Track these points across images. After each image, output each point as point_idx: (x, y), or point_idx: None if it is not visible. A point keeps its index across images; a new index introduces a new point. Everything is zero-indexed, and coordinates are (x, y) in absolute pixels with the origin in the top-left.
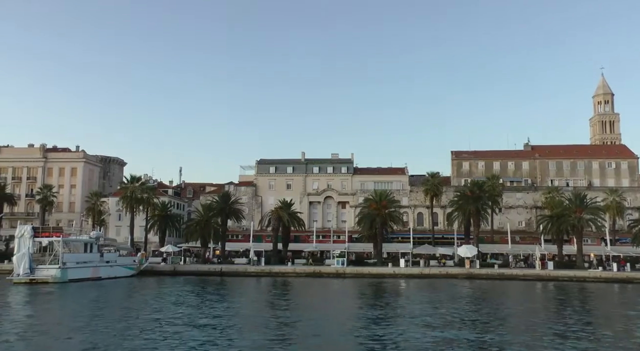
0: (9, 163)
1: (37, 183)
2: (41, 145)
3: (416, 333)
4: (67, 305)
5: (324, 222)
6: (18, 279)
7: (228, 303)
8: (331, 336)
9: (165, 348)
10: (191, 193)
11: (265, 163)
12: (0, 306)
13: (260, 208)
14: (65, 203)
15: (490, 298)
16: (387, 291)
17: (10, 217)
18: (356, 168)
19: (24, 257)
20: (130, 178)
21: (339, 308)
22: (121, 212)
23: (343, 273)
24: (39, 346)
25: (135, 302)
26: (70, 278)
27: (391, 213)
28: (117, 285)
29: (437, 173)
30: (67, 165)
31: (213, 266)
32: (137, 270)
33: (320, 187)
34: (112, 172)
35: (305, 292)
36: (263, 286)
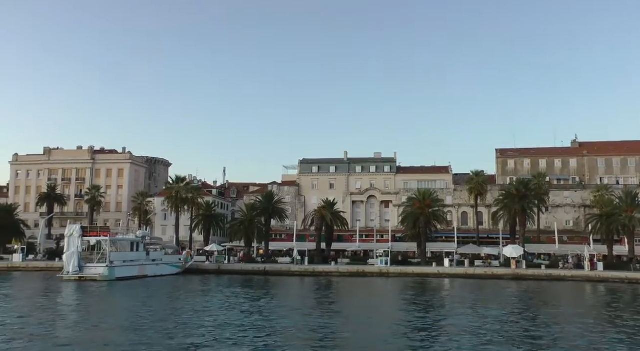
0: (59, 165)
1: (85, 184)
2: (89, 147)
3: (464, 335)
4: (117, 301)
5: (367, 222)
6: (68, 277)
7: (275, 302)
8: (380, 337)
9: (215, 345)
10: (235, 193)
11: (308, 163)
12: (53, 302)
13: (304, 207)
14: (113, 204)
15: (540, 300)
16: (432, 292)
17: (61, 217)
18: (399, 167)
19: (73, 255)
20: (175, 178)
21: (385, 309)
22: (167, 211)
23: (387, 273)
24: (90, 340)
25: (187, 300)
26: (117, 276)
27: (435, 213)
28: (163, 283)
29: (482, 172)
30: (114, 166)
31: (257, 266)
32: (182, 268)
33: (363, 186)
34: (157, 172)
35: (350, 292)
36: (307, 285)
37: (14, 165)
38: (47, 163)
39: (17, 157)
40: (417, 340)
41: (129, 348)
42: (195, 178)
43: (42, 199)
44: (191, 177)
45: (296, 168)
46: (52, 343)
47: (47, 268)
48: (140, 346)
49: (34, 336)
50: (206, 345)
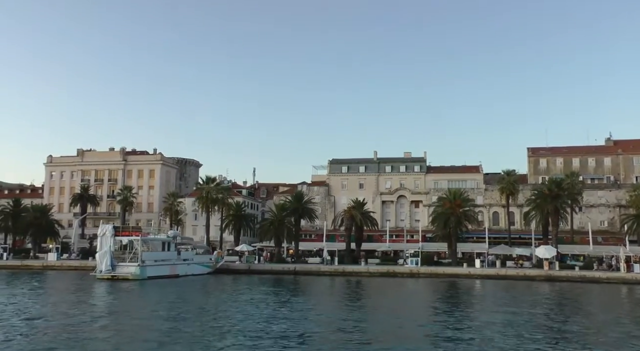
0: (91, 167)
1: (117, 184)
2: (121, 148)
3: (497, 337)
4: (151, 299)
5: (397, 221)
6: (101, 275)
7: (307, 301)
8: (410, 339)
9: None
10: (265, 193)
11: (337, 163)
12: (87, 300)
13: (333, 207)
14: (144, 204)
15: (575, 302)
16: (464, 293)
17: (94, 217)
18: (429, 166)
19: (105, 254)
20: (205, 179)
21: (416, 309)
22: (197, 211)
23: (417, 273)
24: (126, 337)
25: (218, 298)
26: (148, 275)
27: (466, 213)
28: (194, 283)
29: (513, 171)
30: (145, 167)
31: (287, 266)
32: (213, 268)
33: (393, 186)
34: (188, 173)
35: (380, 292)
36: (337, 285)
37: (49, 166)
38: (81, 165)
39: (51, 159)
40: (449, 342)
41: (162, 345)
42: (225, 178)
43: (75, 200)
44: (221, 177)
45: (326, 169)
46: (84, 339)
47: (81, 267)
48: (174, 344)
49: (68, 332)
50: (234, 343)
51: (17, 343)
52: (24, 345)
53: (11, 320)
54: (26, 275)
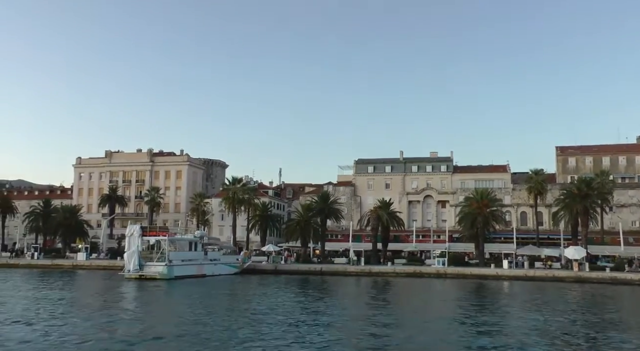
0: (119, 168)
1: (145, 185)
2: (148, 149)
3: (531, 342)
4: (180, 299)
5: (424, 222)
6: (129, 275)
7: (334, 302)
8: (439, 341)
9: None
10: (291, 193)
11: (363, 163)
12: (117, 299)
13: (359, 208)
14: (171, 204)
15: (607, 304)
16: (492, 294)
17: (122, 217)
18: (456, 166)
19: (133, 254)
20: (232, 179)
21: (446, 311)
22: (224, 212)
23: (444, 274)
24: (157, 336)
25: (248, 298)
26: (176, 275)
27: (493, 213)
28: (221, 282)
29: (541, 170)
30: (172, 168)
31: (313, 266)
32: (240, 268)
33: (420, 186)
34: (214, 174)
35: (407, 292)
36: (364, 286)
37: (77, 168)
38: (109, 166)
39: (80, 160)
40: (477, 344)
41: (191, 343)
42: (251, 179)
43: (104, 200)
44: (247, 178)
45: (352, 169)
46: (116, 337)
47: (109, 267)
48: (204, 342)
49: (99, 331)
50: (262, 343)
51: (50, 342)
52: (57, 344)
53: (43, 318)
54: (56, 274)
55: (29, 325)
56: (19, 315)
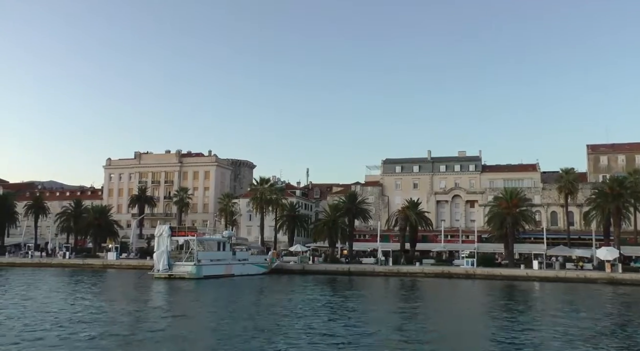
0: (148, 169)
1: (173, 186)
2: (177, 151)
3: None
4: (210, 298)
5: (452, 222)
6: (158, 274)
7: (364, 302)
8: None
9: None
10: (318, 193)
11: (391, 163)
12: (149, 298)
13: (387, 208)
14: (200, 205)
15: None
16: (523, 295)
17: (151, 218)
18: (484, 165)
19: (162, 254)
20: (259, 180)
21: (476, 313)
22: (251, 212)
23: (473, 274)
24: (190, 334)
25: (277, 298)
26: (204, 274)
27: (522, 212)
28: (250, 282)
29: (572, 169)
30: (200, 168)
31: (341, 266)
32: (268, 268)
33: (448, 186)
34: (242, 174)
35: (436, 293)
36: (392, 286)
37: (107, 169)
38: (138, 167)
39: (110, 162)
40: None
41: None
42: (279, 179)
43: (133, 201)
44: (275, 178)
45: (379, 169)
46: (147, 336)
47: (139, 266)
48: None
49: (129, 328)
50: (295, 343)
51: (83, 340)
52: (93, 343)
53: (77, 317)
54: (87, 273)
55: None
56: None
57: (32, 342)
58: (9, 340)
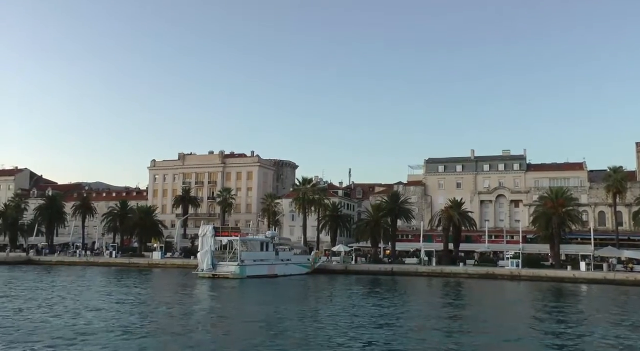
0: (192, 169)
1: (217, 186)
2: (220, 151)
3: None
4: (256, 298)
5: (496, 222)
6: (202, 274)
7: (407, 303)
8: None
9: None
10: (360, 193)
11: (433, 162)
12: (195, 297)
13: (430, 207)
14: (243, 205)
15: None
16: (570, 298)
17: (195, 218)
18: (529, 164)
19: (206, 254)
20: (302, 180)
21: (523, 317)
22: (294, 212)
23: (518, 276)
24: (240, 334)
25: (323, 298)
26: (248, 274)
27: (569, 212)
28: (294, 282)
29: (620, 168)
30: (243, 169)
31: (384, 266)
32: (311, 268)
33: (492, 185)
34: (284, 174)
35: (482, 295)
36: (436, 286)
37: (152, 170)
38: (182, 168)
39: (154, 163)
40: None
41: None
42: (321, 179)
43: (177, 201)
44: (317, 178)
45: (422, 168)
46: (195, 338)
47: (183, 265)
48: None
49: (180, 330)
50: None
51: (131, 338)
52: (140, 341)
53: (125, 314)
54: (133, 272)
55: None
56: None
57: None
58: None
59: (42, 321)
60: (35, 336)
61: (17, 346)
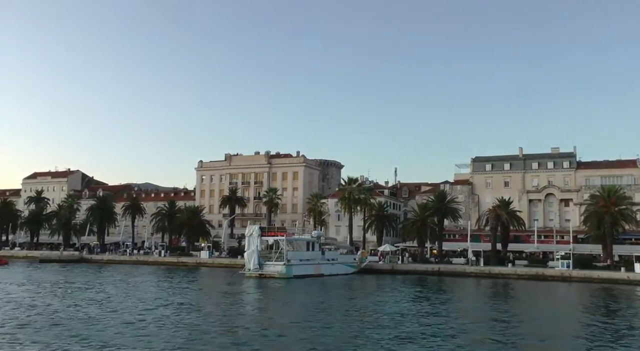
0: (238, 170)
1: (263, 187)
2: (266, 152)
3: None
4: (305, 297)
5: (546, 221)
6: (249, 273)
7: (458, 304)
8: None
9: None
10: (406, 193)
11: (480, 161)
12: (246, 296)
13: (477, 207)
14: (289, 205)
15: None
16: (626, 301)
17: (241, 218)
18: (579, 162)
19: (253, 253)
20: (347, 180)
21: (577, 323)
22: (340, 212)
23: (569, 277)
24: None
25: (369, 298)
26: (294, 274)
27: (622, 211)
28: (340, 282)
29: None
30: (289, 169)
31: (431, 266)
32: (357, 268)
33: (541, 184)
34: (330, 174)
35: (533, 297)
36: (484, 287)
37: (199, 171)
38: (228, 169)
39: (201, 164)
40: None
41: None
42: (366, 179)
43: (224, 201)
44: (363, 178)
45: (468, 167)
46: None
47: (230, 265)
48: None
49: (228, 329)
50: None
51: (184, 335)
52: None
53: (176, 311)
54: (182, 271)
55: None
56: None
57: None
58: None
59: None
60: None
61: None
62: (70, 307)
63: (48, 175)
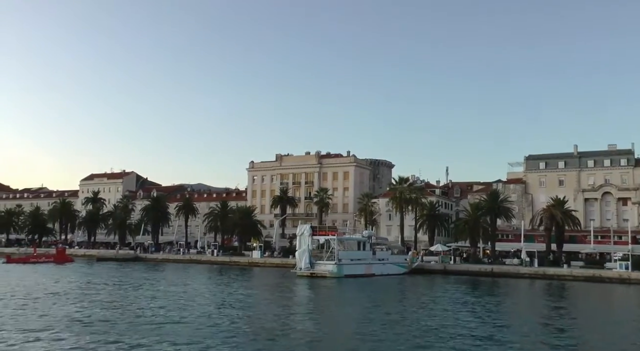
0: (289, 170)
1: (314, 187)
2: (316, 152)
3: None
4: (358, 297)
5: (602, 221)
6: (300, 272)
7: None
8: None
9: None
10: (458, 192)
11: (534, 159)
12: (300, 296)
13: (531, 206)
14: (339, 205)
15: None
16: None
17: (292, 218)
18: (638, 159)
19: (304, 253)
20: (398, 179)
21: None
22: (391, 211)
23: (628, 279)
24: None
25: (422, 300)
26: (345, 273)
27: None
28: (391, 282)
29: None
30: (339, 169)
31: (483, 267)
32: (408, 268)
33: (597, 182)
34: (381, 174)
35: (591, 300)
36: (539, 289)
37: (251, 171)
38: (279, 169)
39: (252, 164)
40: None
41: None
42: (417, 178)
43: (275, 201)
44: (414, 177)
45: (521, 165)
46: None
47: (282, 264)
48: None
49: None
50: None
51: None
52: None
53: (232, 309)
54: (235, 270)
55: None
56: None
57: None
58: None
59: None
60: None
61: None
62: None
63: (104, 176)
